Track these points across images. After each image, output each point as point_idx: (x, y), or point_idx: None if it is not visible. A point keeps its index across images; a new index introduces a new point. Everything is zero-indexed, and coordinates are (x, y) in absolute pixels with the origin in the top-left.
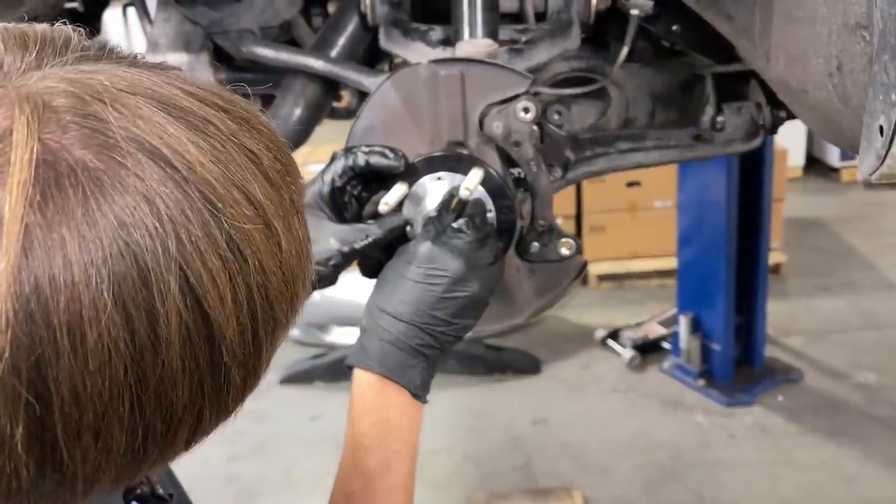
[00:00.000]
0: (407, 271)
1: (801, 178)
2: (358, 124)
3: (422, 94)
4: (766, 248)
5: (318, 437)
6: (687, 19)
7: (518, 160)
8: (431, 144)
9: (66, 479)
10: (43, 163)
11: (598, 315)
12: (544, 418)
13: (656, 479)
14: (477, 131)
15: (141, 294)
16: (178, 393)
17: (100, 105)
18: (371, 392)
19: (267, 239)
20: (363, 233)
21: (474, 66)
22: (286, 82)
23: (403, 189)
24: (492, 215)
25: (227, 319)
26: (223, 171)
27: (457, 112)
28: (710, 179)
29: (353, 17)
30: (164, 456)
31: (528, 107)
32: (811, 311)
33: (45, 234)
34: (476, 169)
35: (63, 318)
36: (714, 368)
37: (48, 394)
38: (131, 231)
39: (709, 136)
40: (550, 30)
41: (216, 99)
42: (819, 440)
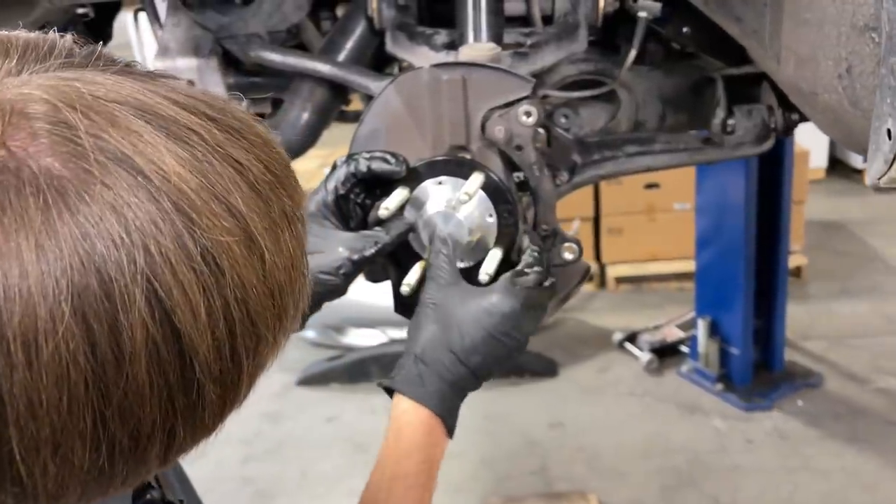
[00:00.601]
0: (487, 323)
1: (823, 180)
2: (361, 129)
3: (424, 99)
4: (785, 250)
5: (333, 438)
6: (697, 21)
7: (520, 164)
8: (434, 149)
9: (26, 494)
10: (4, 169)
11: (616, 318)
12: (560, 422)
13: (673, 484)
14: (479, 135)
15: (103, 306)
16: (146, 409)
17: (71, 112)
18: (423, 430)
19: (248, 252)
20: (371, 240)
21: (476, 70)
22: (294, 86)
23: (404, 194)
24: (493, 220)
25: (201, 334)
26: (202, 182)
27: (459, 116)
28: (729, 181)
29: (360, 22)
30: (136, 472)
31: (530, 111)
32: (832, 314)
33: (1, 242)
34: (477, 173)
35: (17, 330)
36: (732, 372)
37: (2, 406)
38: (94, 241)
39: (719, 139)
40: (556, 33)
41: (204, 108)
42: (839, 446)
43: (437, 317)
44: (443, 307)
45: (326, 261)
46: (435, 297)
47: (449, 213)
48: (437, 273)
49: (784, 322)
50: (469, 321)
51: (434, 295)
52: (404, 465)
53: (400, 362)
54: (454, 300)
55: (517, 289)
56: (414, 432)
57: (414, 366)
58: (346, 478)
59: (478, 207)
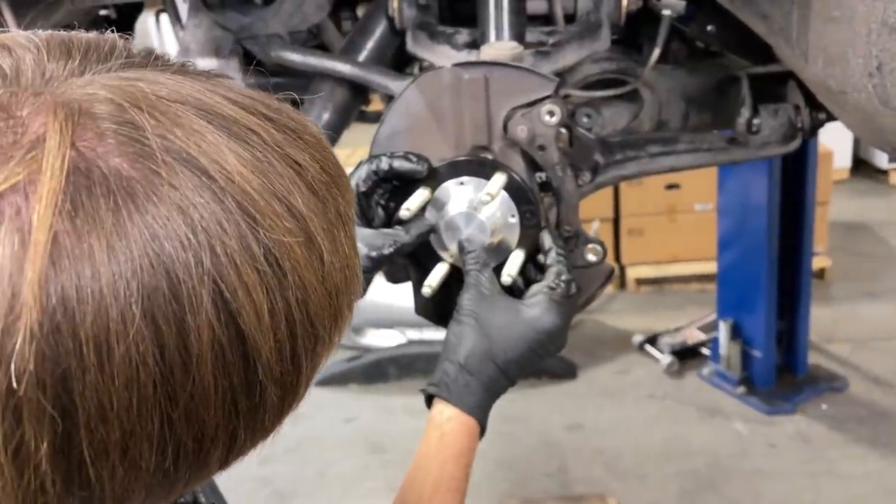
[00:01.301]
0: (531, 338)
1: (847, 181)
2: (382, 130)
3: (445, 99)
4: (809, 252)
5: (352, 439)
6: (722, 19)
7: (543, 164)
8: (455, 149)
9: (93, 498)
10: (75, 170)
11: (636, 320)
12: (579, 424)
13: (693, 489)
14: (501, 135)
15: (171, 308)
16: (210, 412)
17: (137, 112)
18: (467, 436)
19: (308, 253)
20: (390, 238)
21: (498, 69)
22: (314, 86)
23: (425, 194)
24: (515, 220)
25: (264, 336)
26: (263, 182)
27: (480, 116)
28: (752, 182)
29: (381, 21)
30: (197, 476)
31: (553, 110)
32: (856, 317)
33: (74, 243)
34: (499, 174)
35: (90, 332)
36: (754, 375)
37: (74, 409)
38: (163, 242)
39: (744, 138)
40: (579, 31)
41: (262, 108)
42: (864, 451)
43: (480, 327)
44: (486, 318)
45: None
46: (478, 307)
47: (471, 214)
48: (479, 281)
49: (808, 324)
50: (513, 336)
51: (477, 305)
52: (449, 469)
53: (443, 369)
54: (497, 312)
55: (558, 305)
56: (458, 438)
57: (460, 375)
58: (364, 478)
59: (500, 208)
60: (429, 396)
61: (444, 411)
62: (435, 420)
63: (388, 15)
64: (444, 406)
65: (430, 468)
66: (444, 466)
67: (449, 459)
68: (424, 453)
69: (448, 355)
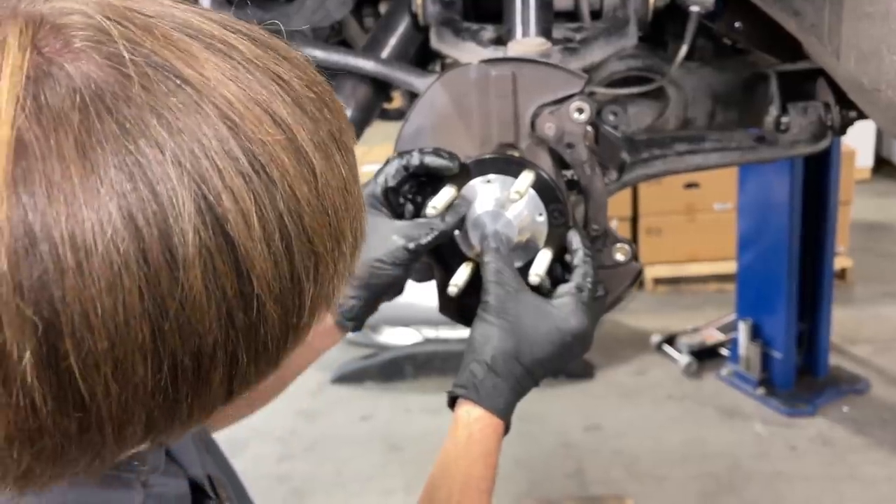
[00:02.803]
0: (558, 340)
1: (869, 180)
2: (406, 127)
3: (472, 95)
4: (831, 252)
5: (368, 437)
6: (750, 16)
7: (571, 163)
8: (481, 146)
9: (90, 419)
10: (37, 72)
11: (654, 319)
12: (597, 424)
13: (712, 491)
14: (528, 133)
15: (150, 207)
16: (205, 324)
17: (110, 22)
18: (494, 437)
19: (297, 163)
20: (427, 227)
21: (526, 66)
22: (337, 83)
23: (452, 192)
24: (542, 219)
25: (256, 245)
26: (243, 90)
27: (508, 113)
28: (773, 181)
29: (404, 18)
30: (201, 401)
31: (583, 107)
32: (879, 318)
33: (40, 141)
34: (527, 171)
35: (65, 231)
36: (774, 377)
37: (56, 316)
38: (136, 141)
39: (772, 137)
40: (606, 28)
41: (245, 30)
42: (886, 454)
43: (507, 327)
44: (513, 318)
45: (381, 250)
46: (504, 306)
47: (498, 213)
48: (503, 279)
49: (829, 326)
50: (540, 337)
51: (503, 304)
52: (477, 468)
53: (470, 370)
54: (524, 312)
55: (585, 306)
56: (486, 438)
57: (487, 376)
58: (381, 476)
59: (527, 206)
60: (454, 397)
61: (472, 412)
62: (462, 420)
63: (412, 11)
64: (472, 407)
65: (459, 468)
66: (472, 466)
67: (477, 459)
68: (452, 453)
69: (475, 355)
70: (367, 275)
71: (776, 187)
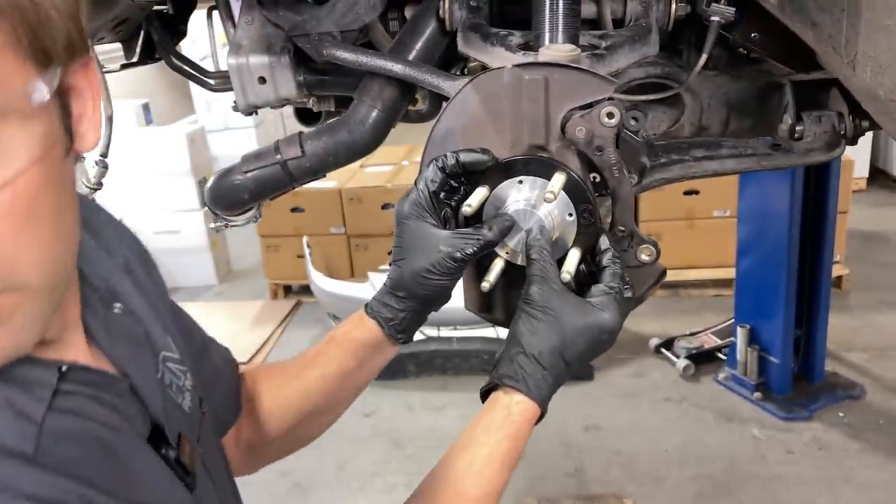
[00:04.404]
0: (596, 338)
1: (864, 191)
2: (437, 128)
3: (504, 98)
4: (829, 260)
5: (370, 433)
6: (766, 27)
7: (600, 166)
8: (512, 148)
9: None
10: None
11: (653, 323)
12: (596, 425)
13: (709, 492)
14: (558, 136)
15: None
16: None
17: None
18: (529, 424)
19: None
20: (474, 237)
21: (558, 71)
22: (364, 84)
23: (484, 192)
24: (572, 219)
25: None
26: None
27: (539, 116)
28: (773, 189)
29: (430, 22)
30: None
31: (613, 112)
32: (874, 326)
33: None
34: (559, 173)
35: None
36: (771, 381)
37: None
38: None
39: (787, 144)
40: (630, 36)
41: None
42: (882, 459)
43: (552, 322)
44: (556, 314)
45: (429, 260)
46: (549, 302)
47: (530, 212)
48: (548, 275)
49: (826, 332)
50: (581, 334)
51: (549, 300)
52: (504, 445)
53: (518, 362)
54: (568, 310)
55: (619, 305)
56: (523, 422)
57: (536, 369)
58: (383, 472)
59: (558, 206)
60: (492, 387)
61: (515, 397)
62: (503, 401)
63: (439, 16)
64: (516, 394)
65: (487, 441)
66: (500, 442)
67: (507, 437)
68: (484, 425)
69: (522, 348)
70: (415, 285)
71: (776, 195)
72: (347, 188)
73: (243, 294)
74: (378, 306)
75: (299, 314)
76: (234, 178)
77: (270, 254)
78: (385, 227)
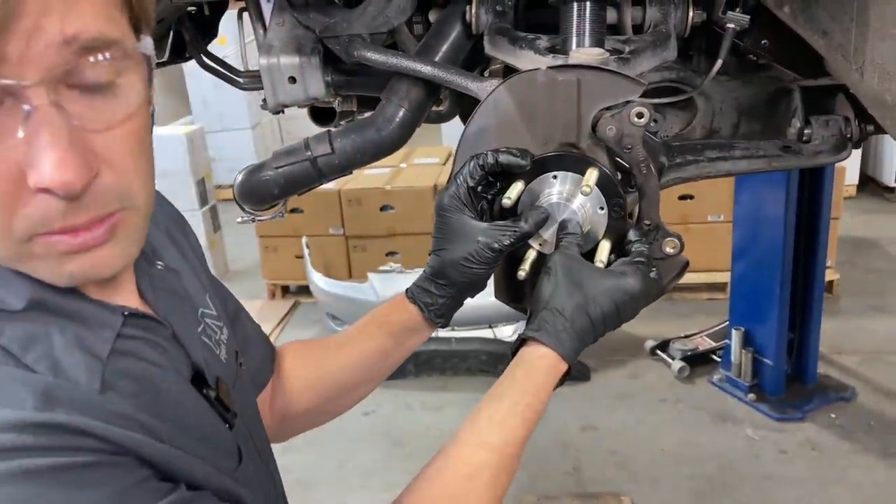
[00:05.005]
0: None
1: (854, 198)
2: (471, 126)
3: (537, 98)
4: (822, 265)
5: (370, 431)
6: (777, 34)
7: (629, 163)
8: (544, 145)
9: None
10: None
11: (647, 326)
12: (593, 425)
13: (705, 491)
14: (589, 134)
15: None
16: None
17: None
18: (553, 375)
19: None
20: (511, 228)
21: (590, 73)
22: (391, 84)
23: (521, 186)
24: (603, 212)
25: None
26: None
27: (571, 115)
28: (768, 195)
29: (456, 26)
30: None
31: (642, 112)
32: (864, 330)
33: None
34: (592, 168)
35: None
36: (765, 383)
37: None
38: None
39: (796, 147)
40: (652, 41)
41: None
42: (873, 459)
43: (575, 281)
44: (577, 275)
45: (468, 250)
46: (569, 265)
47: (564, 205)
48: (572, 248)
49: (818, 335)
50: (603, 291)
51: (569, 263)
52: (528, 398)
53: (541, 316)
54: (590, 273)
55: (642, 273)
56: (544, 374)
57: (557, 320)
58: (383, 470)
59: (590, 200)
60: (523, 339)
61: (538, 350)
62: (525, 357)
63: (465, 20)
64: (539, 346)
65: (510, 395)
66: (524, 395)
67: (530, 390)
68: (505, 383)
69: (545, 304)
70: (454, 273)
71: (771, 201)
72: (346, 189)
73: (241, 294)
74: (419, 292)
75: (297, 314)
76: (264, 174)
77: (269, 254)
78: (383, 228)
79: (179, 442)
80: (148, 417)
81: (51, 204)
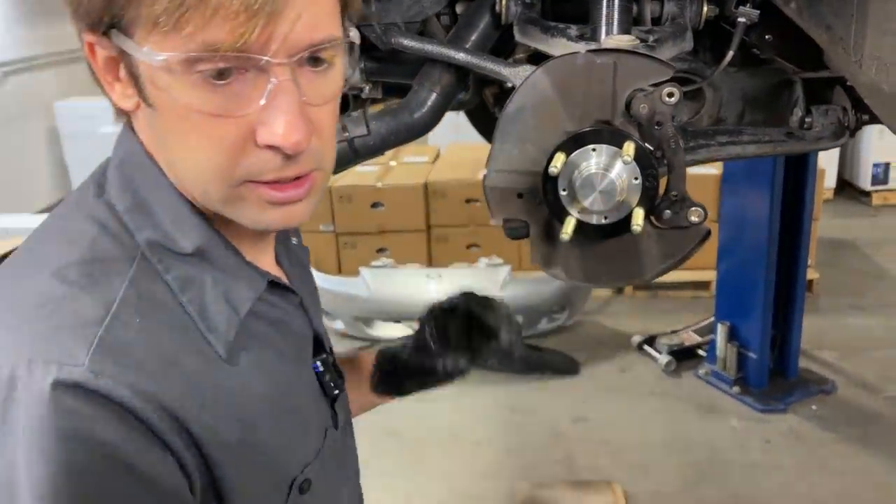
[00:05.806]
0: None
1: (832, 201)
2: (510, 106)
3: (576, 79)
4: (805, 263)
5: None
6: (780, 29)
7: (660, 139)
8: (580, 122)
9: None
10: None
11: (633, 322)
12: (584, 417)
13: (693, 479)
14: (622, 112)
15: None
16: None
17: None
18: None
19: None
20: None
21: (625, 56)
22: (424, 70)
23: (562, 157)
24: (638, 182)
25: None
26: None
27: (607, 95)
28: (754, 195)
29: (485, 16)
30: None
31: (673, 92)
32: (843, 327)
33: None
34: (629, 142)
35: None
36: (749, 376)
37: None
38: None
39: (799, 133)
40: (672, 32)
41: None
42: (853, 448)
43: None
44: None
45: None
46: None
47: (604, 174)
48: None
49: (800, 330)
50: None
51: None
52: None
53: None
54: None
55: None
56: None
57: None
58: (375, 459)
59: (626, 171)
60: None
61: None
62: None
63: (494, 11)
64: None
65: None
66: None
67: None
68: None
69: None
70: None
71: (756, 202)
72: (337, 186)
73: None
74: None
75: None
76: None
77: None
78: (373, 225)
79: (268, 422)
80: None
81: (270, 158)
